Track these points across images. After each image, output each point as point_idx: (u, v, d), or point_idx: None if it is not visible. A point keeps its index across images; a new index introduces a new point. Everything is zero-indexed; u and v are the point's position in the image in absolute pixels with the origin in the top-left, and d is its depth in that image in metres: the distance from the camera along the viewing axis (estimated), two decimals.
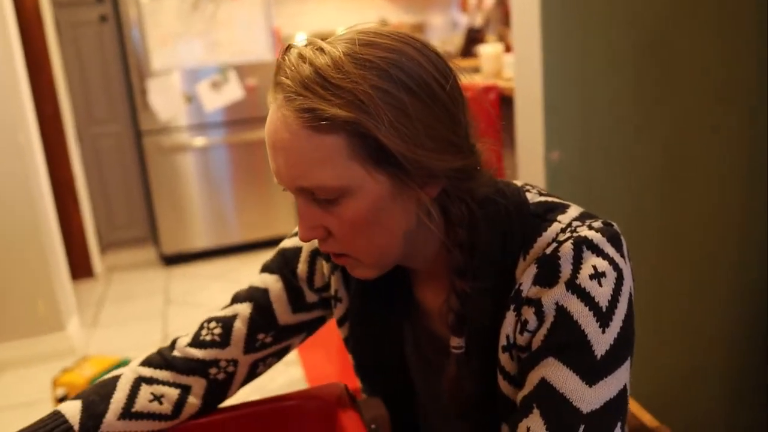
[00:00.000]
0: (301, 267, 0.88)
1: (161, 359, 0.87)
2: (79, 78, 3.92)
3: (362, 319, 0.83)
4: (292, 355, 2.62)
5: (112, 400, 0.82)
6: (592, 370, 0.64)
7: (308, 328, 0.91)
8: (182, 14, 3.73)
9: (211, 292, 3.55)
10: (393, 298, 0.81)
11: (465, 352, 0.74)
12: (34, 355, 2.87)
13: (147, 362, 0.87)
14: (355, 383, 0.97)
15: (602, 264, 0.66)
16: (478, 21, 4.59)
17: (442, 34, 4.99)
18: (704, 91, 1.38)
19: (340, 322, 0.87)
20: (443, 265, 0.75)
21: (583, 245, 0.66)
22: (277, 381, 2.47)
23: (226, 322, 0.87)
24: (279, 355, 0.90)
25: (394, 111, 0.62)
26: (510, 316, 0.69)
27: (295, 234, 0.90)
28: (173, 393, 0.85)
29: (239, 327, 0.86)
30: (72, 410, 0.80)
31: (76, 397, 0.83)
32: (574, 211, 0.72)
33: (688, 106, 1.40)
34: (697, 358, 1.54)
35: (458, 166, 0.67)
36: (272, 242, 4.14)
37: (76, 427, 0.79)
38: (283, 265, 0.89)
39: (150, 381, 0.85)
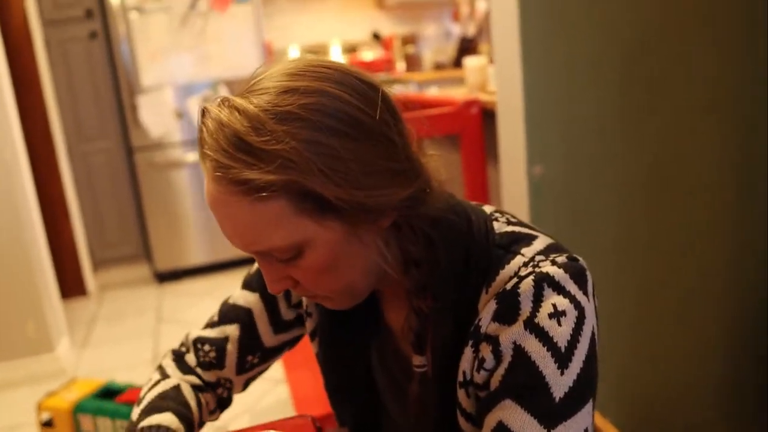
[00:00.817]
0: None
1: (193, 372, 0.91)
2: (69, 95, 3.90)
3: (330, 338, 0.83)
4: (280, 374, 2.58)
5: (192, 414, 0.85)
6: (550, 414, 0.62)
7: (290, 345, 0.93)
8: (171, 29, 3.71)
9: (203, 309, 3.51)
10: (359, 318, 0.81)
11: (427, 371, 0.73)
12: (23, 376, 2.83)
13: (187, 370, 0.91)
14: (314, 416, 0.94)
15: (563, 302, 0.64)
16: (471, 31, 4.57)
17: (435, 44, 4.97)
18: (691, 100, 1.35)
19: (311, 337, 0.88)
20: (404, 287, 0.74)
21: (543, 282, 0.64)
22: (266, 400, 2.43)
23: (219, 346, 0.89)
24: (265, 369, 0.94)
25: (325, 159, 0.60)
26: (468, 352, 0.68)
27: None
28: (212, 401, 0.92)
29: (231, 350, 0.89)
30: (173, 423, 0.81)
31: (156, 410, 0.82)
32: (540, 243, 0.70)
33: (674, 116, 1.37)
34: (692, 369, 1.51)
35: (405, 195, 0.65)
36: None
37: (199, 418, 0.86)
38: (263, 282, 0.88)
39: (200, 389, 0.90)
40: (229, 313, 0.90)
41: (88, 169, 4.00)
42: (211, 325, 0.91)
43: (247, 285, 0.90)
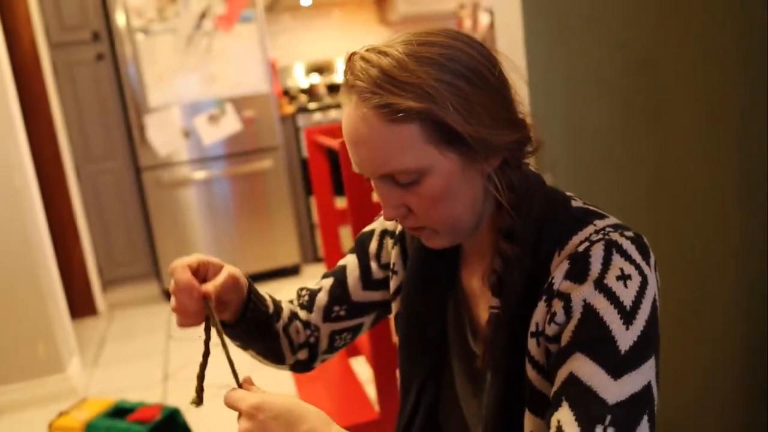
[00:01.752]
0: (373, 245, 1.02)
1: (295, 308, 1.05)
2: (76, 116, 3.94)
3: (412, 294, 0.92)
4: (291, 388, 2.58)
5: (282, 315, 1.00)
6: (616, 364, 0.68)
7: (376, 310, 1.03)
8: (177, 50, 3.75)
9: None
10: (440, 277, 0.90)
11: (500, 313, 0.80)
12: (34, 397, 2.83)
13: (291, 305, 1.05)
14: (353, 418, 0.98)
15: (629, 268, 0.71)
16: None
17: None
18: (693, 110, 1.36)
19: (394, 295, 0.97)
20: (490, 236, 0.83)
21: (612, 248, 0.72)
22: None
23: (313, 292, 1.04)
24: (353, 331, 1.03)
25: (456, 98, 0.72)
26: (541, 306, 0.75)
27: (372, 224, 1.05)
28: (303, 333, 1.02)
29: (322, 297, 1.02)
30: (269, 302, 0.98)
31: (264, 298, 0.98)
32: (611, 220, 0.78)
33: (678, 130, 1.38)
34: (697, 374, 1.50)
35: (515, 138, 0.77)
36: (274, 273, 4.12)
37: (270, 311, 0.97)
38: (359, 244, 1.03)
39: (296, 317, 1.03)
40: (329, 272, 1.05)
41: (96, 189, 4.03)
42: (316, 284, 1.06)
43: (350, 251, 1.05)
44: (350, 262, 1.03)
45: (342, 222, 2.35)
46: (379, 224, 1.03)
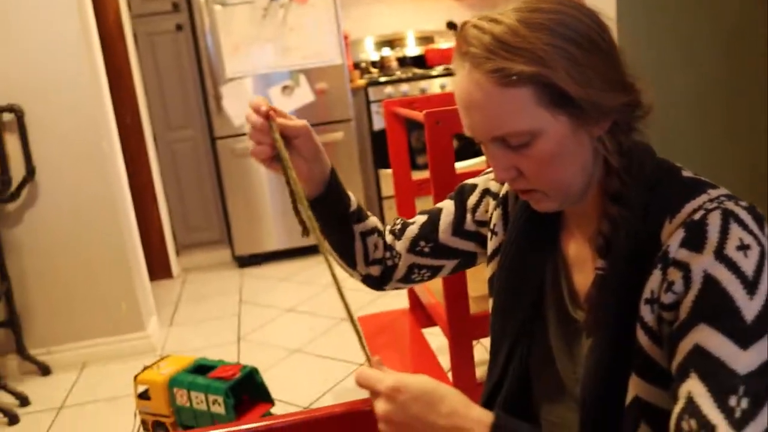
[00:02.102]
0: (472, 199, 1.05)
1: (384, 227, 1.12)
2: (156, 86, 4.07)
3: (512, 252, 0.94)
4: (361, 358, 2.63)
5: (365, 223, 1.05)
6: (744, 335, 0.68)
7: (458, 258, 1.07)
8: (253, 21, 3.82)
9: (280, 294, 3.62)
10: (540, 242, 0.92)
11: (606, 275, 0.80)
12: (117, 352, 2.99)
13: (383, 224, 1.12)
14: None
15: (747, 238, 0.71)
16: None
17: None
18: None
19: (491, 256, 1.00)
20: (597, 201, 0.84)
21: (730, 217, 0.72)
22: (348, 381, 2.50)
23: (406, 223, 1.10)
24: (432, 271, 1.08)
25: (566, 61, 0.74)
26: (656, 274, 0.74)
27: (476, 178, 1.08)
28: (381, 250, 1.08)
29: (413, 229, 1.08)
30: (353, 203, 1.05)
31: (351, 197, 1.06)
32: (723, 190, 0.78)
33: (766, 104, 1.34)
34: None
35: (625, 101, 0.78)
36: None
37: (351, 208, 1.04)
38: (459, 193, 1.07)
39: (381, 235, 1.09)
40: (425, 210, 1.10)
41: (174, 157, 4.17)
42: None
43: (448, 197, 1.09)
44: (447, 206, 1.07)
45: (417, 194, 2.38)
46: (482, 181, 1.05)
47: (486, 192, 1.04)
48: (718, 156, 1.42)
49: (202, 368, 2.30)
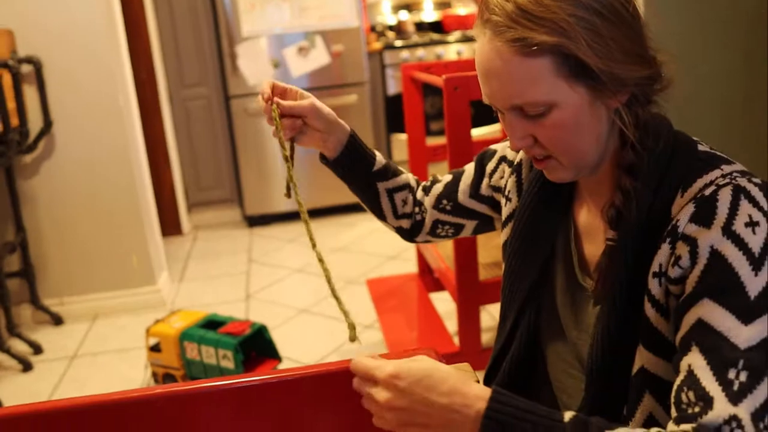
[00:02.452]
0: (491, 164, 1.08)
1: (418, 184, 1.17)
2: (172, 43, 4.05)
3: (526, 218, 0.96)
4: (371, 319, 2.68)
5: (394, 181, 1.12)
6: (747, 310, 0.68)
7: (476, 219, 1.11)
8: None
9: (288, 254, 3.65)
10: (555, 207, 0.94)
11: (617, 245, 0.81)
12: (128, 305, 3.04)
13: (416, 182, 1.17)
14: (437, 350, 1.00)
15: (757, 215, 0.71)
16: None
17: None
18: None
19: (506, 222, 1.02)
20: (610, 172, 0.85)
21: (741, 194, 0.72)
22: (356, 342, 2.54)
23: (435, 180, 1.15)
24: (455, 228, 1.13)
25: (588, 33, 0.74)
26: (665, 248, 0.76)
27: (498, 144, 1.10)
28: (410, 205, 1.14)
29: (438, 187, 1.13)
30: (379, 161, 1.10)
31: (386, 160, 1.13)
32: (738, 166, 0.78)
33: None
34: None
35: (645, 74, 0.78)
36: (348, 207, 4.20)
37: (375, 167, 1.10)
38: (481, 158, 1.10)
39: (412, 192, 1.15)
40: (453, 171, 1.15)
41: (187, 114, 4.17)
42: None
43: (473, 160, 1.12)
44: (469, 168, 1.11)
45: (431, 159, 2.39)
46: (501, 148, 1.08)
47: (503, 159, 1.06)
48: (737, 137, 1.42)
49: (212, 323, 2.34)
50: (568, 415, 0.67)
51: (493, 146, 1.10)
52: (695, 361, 0.69)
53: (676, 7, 1.35)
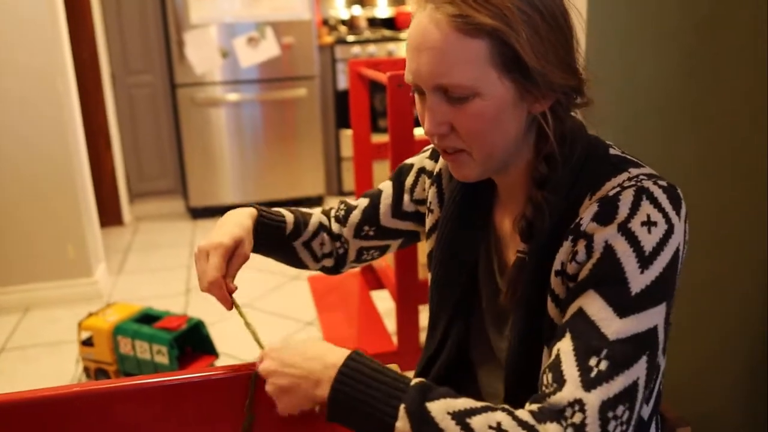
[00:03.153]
0: (409, 179, 1.05)
1: (328, 219, 1.12)
2: (117, 26, 3.94)
3: (447, 228, 0.95)
4: (311, 316, 2.65)
5: (306, 230, 1.07)
6: (624, 304, 0.70)
7: (402, 237, 1.09)
8: None
9: None
10: (475, 215, 0.94)
11: (526, 258, 0.83)
12: (62, 297, 2.94)
13: (326, 216, 1.12)
14: (371, 349, 1.01)
15: (656, 215, 0.73)
16: None
17: None
18: (757, 72, 1.34)
19: (429, 232, 1.01)
20: (525, 181, 0.85)
21: (643, 194, 0.74)
22: (295, 339, 2.51)
23: (350, 208, 1.10)
24: (380, 250, 1.10)
25: (529, 29, 0.73)
26: (566, 246, 0.77)
27: (415, 157, 1.08)
28: (329, 245, 1.10)
29: (355, 215, 1.08)
30: (289, 220, 1.05)
31: (292, 211, 1.07)
32: (647, 170, 0.80)
33: (737, 90, 1.37)
34: (716, 349, 1.53)
35: (572, 84, 0.78)
36: (297, 201, 4.17)
37: (287, 231, 1.05)
38: (398, 174, 1.07)
39: (324, 230, 1.10)
40: (368, 192, 1.10)
41: (131, 101, 4.06)
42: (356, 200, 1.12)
43: (389, 178, 1.09)
44: (386, 188, 1.07)
45: (376, 157, 2.37)
46: (418, 160, 1.05)
47: (421, 171, 1.03)
48: (680, 145, 1.45)
49: (148, 318, 2.29)
50: (415, 380, 0.71)
51: (408, 161, 1.08)
52: (564, 345, 0.71)
53: (622, 6, 1.36)
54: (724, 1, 1.33)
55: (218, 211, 4.09)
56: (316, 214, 1.11)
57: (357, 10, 4.56)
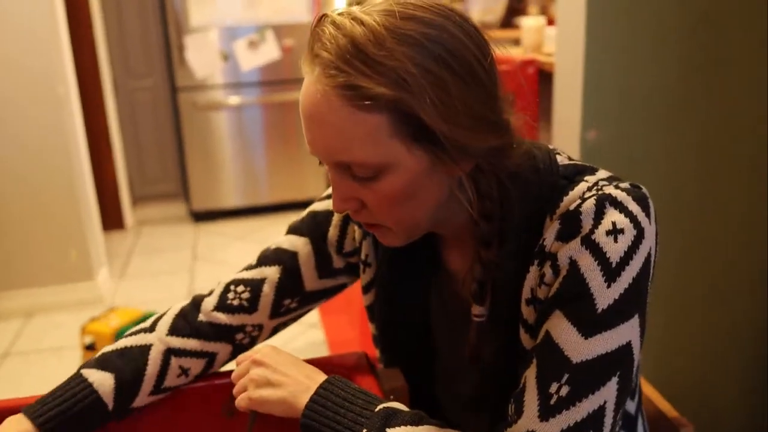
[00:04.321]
0: (332, 231, 0.89)
1: (188, 327, 0.88)
2: (117, 31, 3.94)
3: (390, 283, 0.84)
4: (314, 318, 2.64)
5: (144, 378, 0.84)
6: (590, 323, 0.64)
7: (332, 293, 0.93)
8: None
9: (237, 250, 3.59)
10: (420, 264, 0.83)
11: (486, 320, 0.76)
12: (64, 301, 2.94)
13: (175, 331, 0.88)
14: (374, 351, 0.99)
15: (623, 221, 0.65)
16: None
17: (484, 3, 4.89)
18: (754, 74, 1.34)
19: (366, 288, 0.89)
20: (470, 234, 0.76)
21: (606, 201, 0.66)
22: (298, 342, 2.51)
23: (255, 287, 0.89)
24: (300, 317, 0.94)
25: (435, 89, 0.62)
26: (533, 270, 0.70)
27: (327, 197, 0.91)
28: (199, 364, 0.88)
29: (267, 292, 0.88)
30: (105, 387, 0.81)
31: (105, 365, 0.83)
32: (602, 174, 0.72)
33: (736, 89, 1.36)
34: (718, 350, 1.52)
35: (494, 144, 0.68)
36: (300, 204, 4.16)
37: (110, 406, 0.82)
38: (314, 228, 0.90)
39: (179, 353, 0.87)
40: (270, 256, 0.91)
41: (133, 105, 4.06)
42: (248, 268, 0.91)
43: (295, 230, 0.92)
44: (302, 249, 0.90)
45: None
46: (337, 211, 0.85)
47: (347, 220, 0.89)
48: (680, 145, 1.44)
49: None
50: (381, 405, 0.69)
51: (319, 208, 0.92)
52: (529, 373, 0.67)
53: (622, 7, 1.36)
54: (724, 1, 1.33)
55: (220, 215, 4.09)
56: (156, 344, 0.86)
57: None
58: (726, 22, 1.33)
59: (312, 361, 0.89)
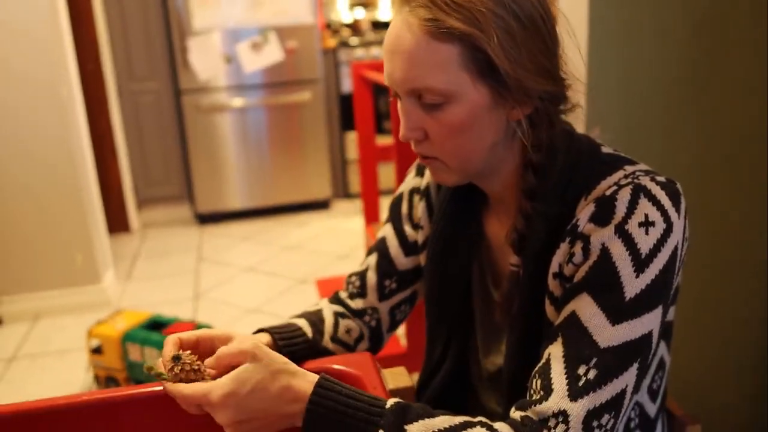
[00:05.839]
0: (404, 207, 1.00)
1: (341, 303, 1.01)
2: (121, 34, 3.95)
3: (438, 246, 0.92)
4: None
5: (325, 326, 0.96)
6: (618, 310, 0.69)
7: (420, 273, 0.99)
8: None
9: (242, 252, 3.60)
10: (465, 228, 0.91)
11: (519, 271, 0.81)
12: (71, 305, 2.95)
13: (336, 301, 1.01)
14: (380, 351, 1.00)
15: (654, 214, 0.71)
16: None
17: None
18: (754, 74, 1.34)
19: (420, 249, 0.97)
20: (514, 191, 0.82)
21: (640, 192, 0.71)
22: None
23: (362, 274, 1.00)
24: (410, 302, 1.01)
25: (503, 33, 0.71)
26: (564, 247, 0.75)
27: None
28: (356, 328, 0.98)
29: (371, 276, 0.99)
30: (303, 325, 0.93)
31: (299, 316, 0.96)
32: (642, 166, 0.78)
33: (737, 89, 1.36)
34: (723, 346, 1.52)
35: (551, 90, 0.75)
36: (304, 206, 4.17)
37: (309, 336, 0.92)
38: (393, 210, 1.02)
39: (343, 316, 0.99)
40: (371, 248, 1.02)
41: (136, 108, 4.07)
42: (361, 263, 1.03)
43: (385, 220, 1.02)
44: (388, 231, 1.01)
45: (381, 159, 2.37)
46: (405, 186, 1.02)
47: (412, 193, 0.99)
48: (682, 143, 1.44)
49: (156, 324, 2.29)
50: (390, 402, 0.69)
51: (396, 194, 1.03)
52: (555, 350, 0.70)
53: (622, 6, 1.36)
54: (726, 2, 1.32)
55: (225, 217, 4.10)
56: (326, 307, 1.00)
57: (360, 13, 4.56)
58: (727, 22, 1.33)
59: (316, 362, 0.90)
